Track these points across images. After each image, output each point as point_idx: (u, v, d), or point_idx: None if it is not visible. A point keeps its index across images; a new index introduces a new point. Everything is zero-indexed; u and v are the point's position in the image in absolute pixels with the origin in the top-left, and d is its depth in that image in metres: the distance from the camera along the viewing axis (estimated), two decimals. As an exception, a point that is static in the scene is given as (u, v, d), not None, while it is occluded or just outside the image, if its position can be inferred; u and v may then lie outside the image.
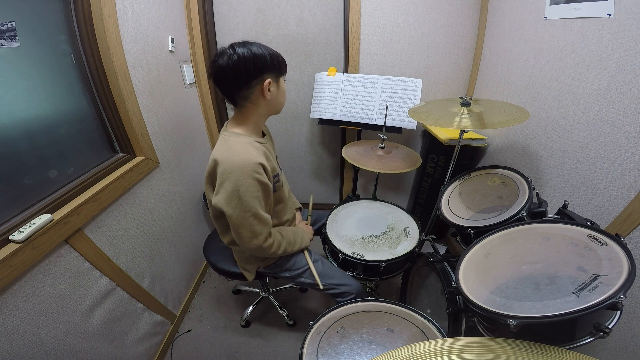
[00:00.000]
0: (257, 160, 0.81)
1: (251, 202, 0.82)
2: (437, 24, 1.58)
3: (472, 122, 0.99)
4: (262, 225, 0.87)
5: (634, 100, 0.83)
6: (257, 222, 0.86)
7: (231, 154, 0.80)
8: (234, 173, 0.79)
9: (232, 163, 0.79)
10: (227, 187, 0.80)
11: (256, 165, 0.80)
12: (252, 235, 0.87)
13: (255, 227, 0.86)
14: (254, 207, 0.83)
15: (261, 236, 0.89)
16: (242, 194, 0.80)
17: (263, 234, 0.89)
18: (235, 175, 0.79)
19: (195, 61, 1.65)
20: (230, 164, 0.79)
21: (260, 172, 0.81)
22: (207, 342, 1.47)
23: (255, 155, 0.82)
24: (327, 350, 0.79)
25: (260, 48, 0.81)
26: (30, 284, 0.79)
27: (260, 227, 0.87)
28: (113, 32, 1.02)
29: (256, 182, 0.81)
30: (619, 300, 0.49)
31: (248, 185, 0.80)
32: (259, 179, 0.81)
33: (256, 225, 0.86)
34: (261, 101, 0.87)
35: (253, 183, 0.80)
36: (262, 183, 0.82)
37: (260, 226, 0.87)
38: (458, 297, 0.88)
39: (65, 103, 0.99)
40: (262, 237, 0.89)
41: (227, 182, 0.80)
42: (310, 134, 1.99)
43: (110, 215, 1.07)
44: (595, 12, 0.94)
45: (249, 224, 0.85)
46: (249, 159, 0.80)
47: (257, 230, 0.87)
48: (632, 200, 0.84)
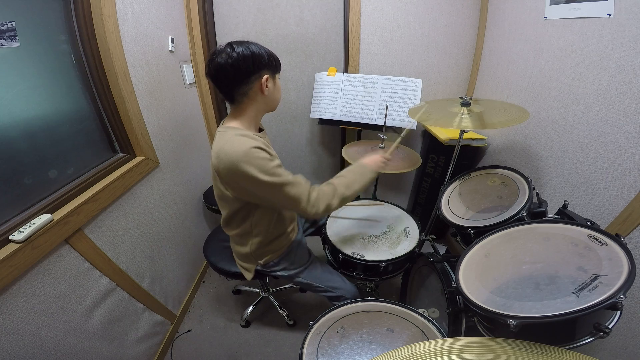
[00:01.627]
0: (253, 144, 0.80)
1: (271, 178, 0.81)
2: (437, 24, 1.58)
3: (472, 122, 0.99)
4: (297, 186, 0.85)
5: (634, 100, 0.83)
6: (290, 186, 0.84)
7: (229, 146, 0.81)
8: (239, 162, 0.78)
9: (232, 153, 0.79)
10: (242, 177, 0.80)
11: (253, 148, 0.80)
12: (296, 201, 0.85)
13: (292, 192, 0.84)
14: (277, 180, 0.82)
15: (304, 195, 0.86)
16: (257, 175, 0.79)
17: (304, 192, 0.86)
18: (241, 164, 0.78)
19: (195, 61, 1.65)
20: (231, 154, 0.79)
21: (260, 151, 0.81)
22: (207, 342, 1.47)
23: (252, 142, 0.82)
24: (327, 350, 0.79)
25: (258, 47, 0.84)
26: (30, 284, 0.79)
27: (296, 189, 0.85)
28: (113, 32, 1.02)
29: (263, 160, 0.80)
30: (619, 300, 0.49)
31: (258, 165, 0.79)
32: (262, 156, 0.80)
33: (291, 190, 0.84)
34: (259, 97, 0.88)
35: (260, 162, 0.80)
36: (268, 158, 0.81)
37: (295, 188, 0.85)
38: (458, 297, 0.88)
39: (65, 103, 0.99)
40: (305, 196, 0.86)
41: (238, 174, 0.79)
42: (310, 134, 1.99)
43: (110, 215, 1.08)
44: (595, 12, 0.94)
45: (286, 194, 0.83)
46: (246, 144, 0.80)
47: (296, 194, 0.84)
48: (632, 200, 0.83)
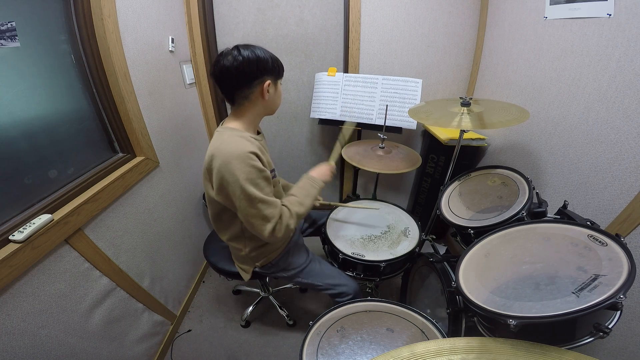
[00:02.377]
0: (250, 149, 0.82)
1: (254, 189, 0.82)
2: (437, 24, 1.58)
3: (472, 122, 0.98)
4: (272, 207, 0.86)
5: (634, 100, 0.83)
6: (266, 206, 0.85)
7: (225, 146, 0.82)
8: (230, 163, 0.80)
9: (227, 153, 0.80)
10: (228, 178, 0.81)
11: (249, 153, 0.81)
12: (265, 220, 0.86)
13: (265, 211, 0.85)
14: (258, 194, 0.83)
15: (274, 219, 0.87)
16: (242, 182, 0.80)
17: (275, 216, 0.87)
18: (232, 165, 0.79)
19: (195, 61, 1.65)
20: (226, 154, 0.80)
21: (255, 159, 0.82)
22: (207, 342, 1.47)
23: (248, 145, 0.83)
24: (327, 350, 0.79)
25: (263, 52, 0.85)
26: (30, 284, 0.79)
27: (270, 210, 0.86)
28: (113, 32, 1.02)
29: (254, 169, 0.82)
30: (619, 300, 0.49)
31: (247, 172, 0.81)
32: (255, 165, 0.82)
33: (265, 210, 0.85)
34: (259, 101, 0.89)
35: (251, 170, 0.81)
36: (259, 169, 0.83)
37: (270, 209, 0.86)
38: (458, 297, 0.88)
39: (65, 103, 0.99)
40: (274, 220, 0.87)
41: (226, 174, 0.80)
42: (310, 134, 1.99)
43: (110, 215, 1.07)
44: (595, 12, 0.94)
45: (258, 211, 0.84)
46: (242, 148, 0.81)
47: (269, 214, 0.85)
48: (632, 200, 0.84)
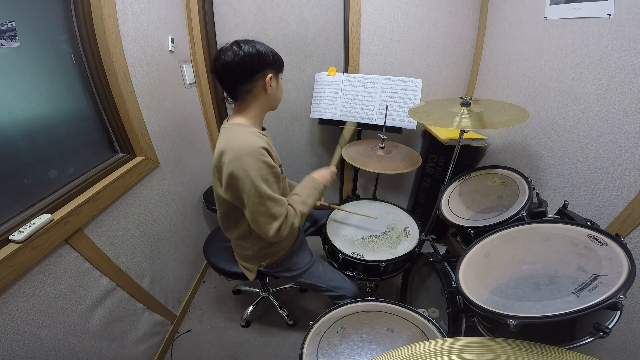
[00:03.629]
0: (261, 144, 0.81)
1: (264, 186, 0.81)
2: (437, 24, 1.58)
3: (472, 122, 0.98)
4: (279, 205, 0.86)
5: (634, 100, 0.83)
6: (274, 203, 0.85)
7: (235, 141, 0.81)
8: (242, 159, 0.79)
9: (238, 149, 0.79)
10: (238, 174, 0.80)
11: (261, 148, 0.81)
12: (272, 218, 0.85)
13: (274, 209, 0.85)
14: (268, 191, 0.82)
15: (281, 217, 0.87)
16: (253, 178, 0.80)
17: (282, 214, 0.87)
18: (243, 161, 0.79)
19: (195, 61, 1.65)
20: (237, 150, 0.79)
21: (266, 155, 0.82)
22: (207, 342, 1.47)
23: (259, 141, 0.82)
24: (327, 350, 0.79)
25: (263, 46, 0.85)
26: (30, 284, 0.79)
27: (278, 208, 0.86)
28: (113, 32, 1.02)
29: (265, 165, 0.81)
30: (619, 300, 0.49)
31: (258, 168, 0.80)
32: (267, 161, 0.82)
33: (273, 207, 0.85)
34: (262, 95, 0.90)
35: (262, 166, 0.81)
36: (270, 165, 0.83)
37: (278, 207, 0.86)
38: (458, 297, 0.88)
39: (65, 103, 0.99)
40: (281, 218, 0.87)
41: (237, 170, 0.79)
42: (310, 134, 1.99)
43: (110, 215, 1.07)
44: (595, 12, 0.94)
45: (267, 208, 0.84)
46: (254, 143, 0.81)
47: (276, 212, 0.85)
48: (632, 200, 0.83)
